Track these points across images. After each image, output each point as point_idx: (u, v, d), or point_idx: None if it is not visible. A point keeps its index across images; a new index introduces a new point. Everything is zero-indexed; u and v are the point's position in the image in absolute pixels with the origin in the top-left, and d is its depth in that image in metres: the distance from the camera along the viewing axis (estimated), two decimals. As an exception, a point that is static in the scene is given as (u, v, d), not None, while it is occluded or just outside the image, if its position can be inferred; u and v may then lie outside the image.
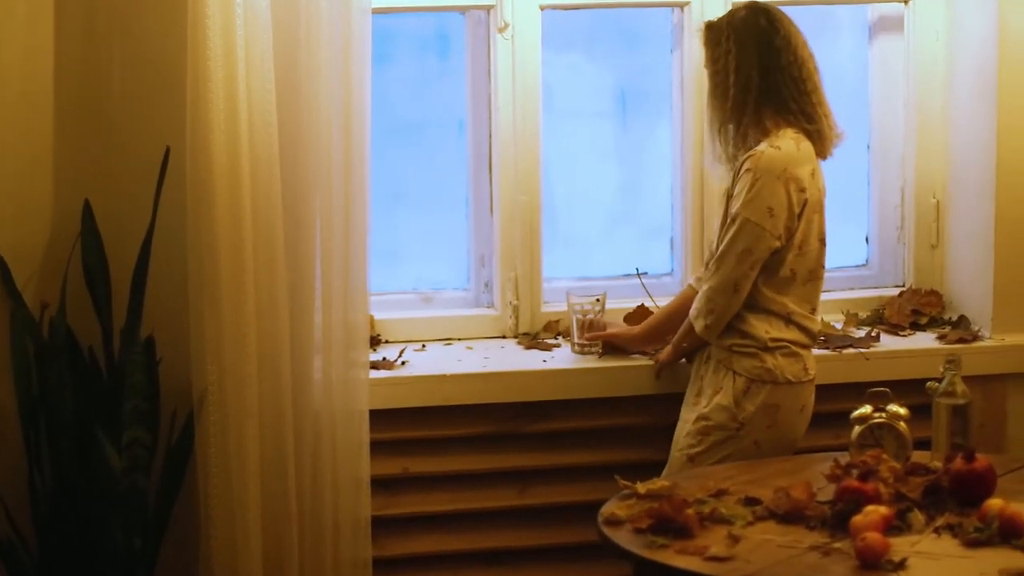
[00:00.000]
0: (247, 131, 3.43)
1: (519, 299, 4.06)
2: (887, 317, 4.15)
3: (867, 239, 4.31)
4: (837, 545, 2.87)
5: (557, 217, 4.20)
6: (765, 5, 3.63)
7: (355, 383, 3.60)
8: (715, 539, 2.91)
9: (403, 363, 3.85)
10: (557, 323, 4.07)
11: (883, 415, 3.30)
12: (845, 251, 4.25)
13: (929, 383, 3.37)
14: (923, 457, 3.29)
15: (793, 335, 3.56)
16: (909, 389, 3.55)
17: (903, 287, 4.25)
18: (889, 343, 4.00)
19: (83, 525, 3.47)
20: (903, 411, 3.30)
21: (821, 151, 3.62)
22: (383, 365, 3.81)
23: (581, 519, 3.31)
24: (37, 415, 3.48)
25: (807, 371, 3.58)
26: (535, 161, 4.03)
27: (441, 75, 4.16)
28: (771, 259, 3.53)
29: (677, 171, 4.16)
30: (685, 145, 4.12)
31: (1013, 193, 3.98)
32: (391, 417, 3.74)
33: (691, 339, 3.63)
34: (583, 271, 4.21)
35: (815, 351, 3.71)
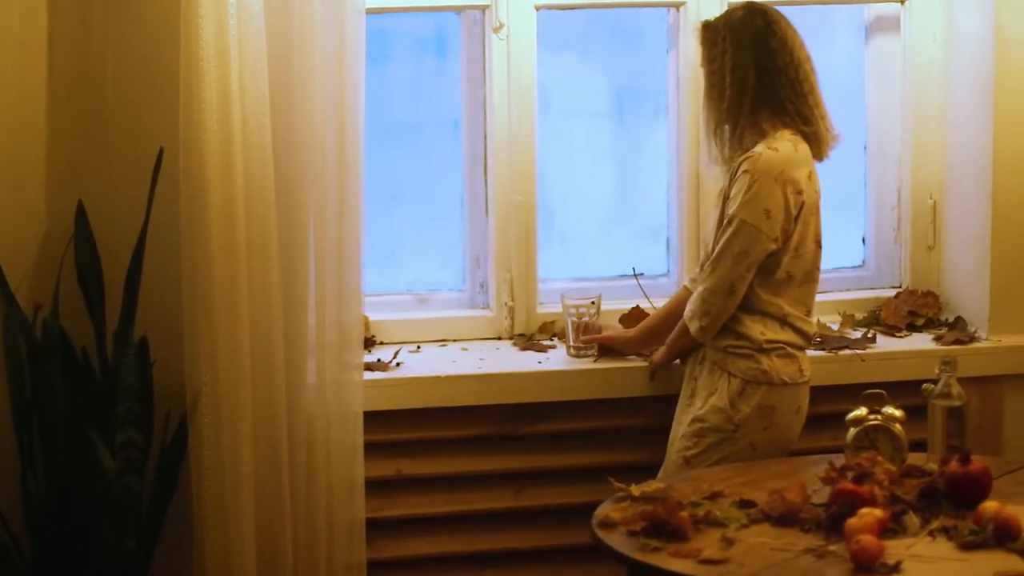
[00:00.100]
0: (240, 131, 3.42)
1: (514, 300, 4.05)
2: (883, 318, 4.14)
3: (864, 240, 4.30)
4: (832, 548, 2.86)
5: (553, 218, 4.19)
6: (762, 5, 3.62)
7: (349, 385, 3.59)
8: (709, 542, 2.90)
9: (398, 364, 3.84)
10: (552, 324, 4.06)
11: (878, 417, 3.29)
12: (842, 252, 4.24)
13: (925, 385, 3.37)
14: (919, 459, 3.28)
15: (788, 337, 3.55)
16: (905, 391, 3.54)
17: (900, 288, 4.24)
18: (885, 344, 3.99)
19: (76, 527, 3.45)
20: (899, 413, 3.30)
21: (818, 153, 3.61)
22: (377, 367, 3.80)
23: (577, 521, 3.30)
24: (30, 416, 3.47)
25: (802, 373, 3.57)
26: (530, 162, 4.02)
27: (440, 75, 4.14)
28: (767, 261, 3.52)
29: (673, 171, 4.15)
30: (681, 145, 4.11)
31: (1010, 194, 3.97)
32: (386, 419, 3.74)
33: (685, 340, 3.62)
34: (579, 272, 4.20)
35: (811, 352, 3.70)
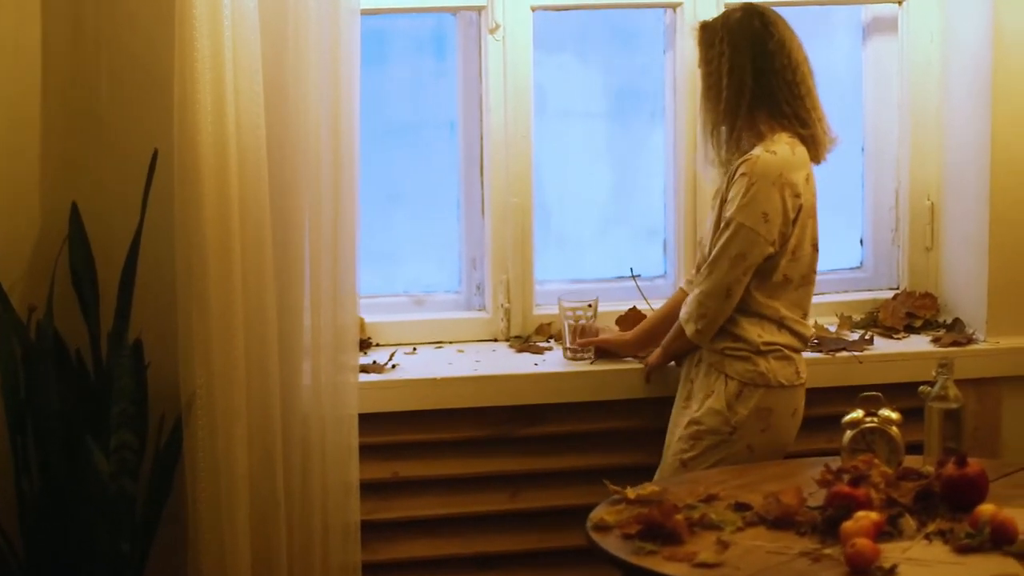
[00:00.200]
0: (235, 132, 3.41)
1: (511, 302, 4.04)
2: (881, 320, 4.13)
3: (861, 241, 4.29)
4: (827, 551, 2.85)
5: (550, 219, 4.18)
6: (760, 7, 3.60)
7: (344, 387, 3.59)
8: (704, 545, 2.89)
9: (393, 366, 3.83)
10: (549, 326, 4.05)
11: (875, 419, 3.28)
12: (839, 253, 4.23)
13: (921, 387, 3.35)
14: (915, 462, 3.27)
15: (785, 339, 3.54)
16: (903, 393, 3.54)
17: (897, 289, 4.22)
18: (883, 346, 3.98)
19: (70, 529, 3.45)
20: (895, 415, 3.29)
21: (815, 156, 3.59)
22: (373, 368, 3.79)
23: (573, 523, 3.29)
24: (24, 418, 3.46)
25: (799, 375, 3.56)
26: (527, 163, 4.01)
27: (439, 76, 4.13)
28: (764, 264, 3.51)
29: (670, 173, 4.14)
30: (678, 146, 4.09)
31: (1008, 195, 3.96)
32: (381, 421, 3.73)
33: (681, 343, 3.61)
34: (576, 273, 4.19)
35: (808, 354, 3.69)
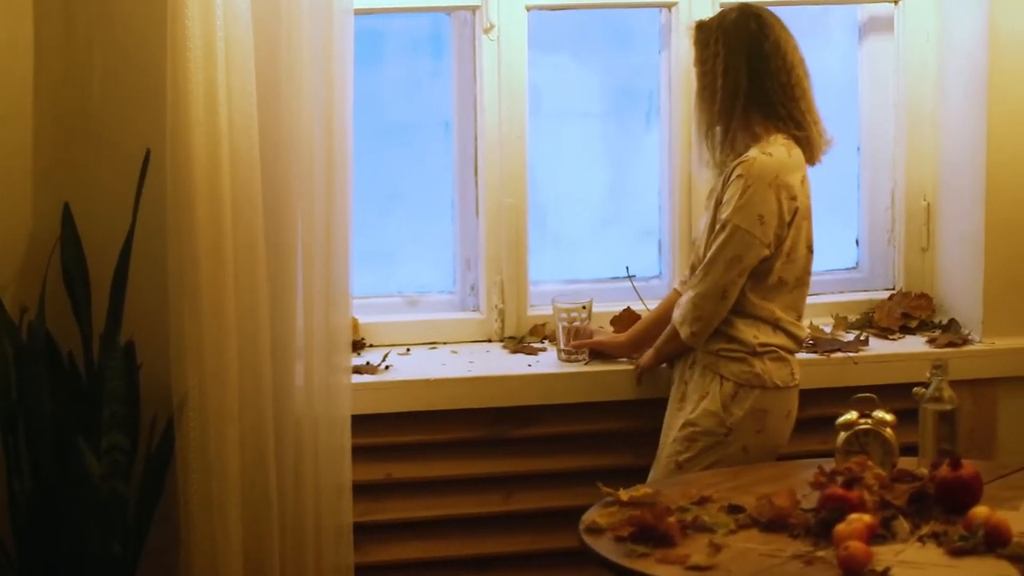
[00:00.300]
0: (227, 132, 3.40)
1: (505, 303, 4.03)
2: (876, 320, 4.11)
3: (857, 241, 4.28)
4: (820, 554, 2.84)
5: (545, 219, 4.17)
6: (756, 8, 3.58)
7: (337, 388, 3.57)
8: (697, 547, 2.88)
9: (387, 367, 3.82)
10: (543, 327, 4.04)
11: (869, 421, 3.27)
12: (835, 254, 4.22)
13: (916, 389, 3.34)
14: (910, 463, 3.26)
15: (781, 340, 3.53)
16: (898, 393, 3.53)
17: (893, 290, 4.21)
18: (878, 347, 3.97)
19: (62, 531, 3.43)
20: (889, 417, 3.27)
21: (810, 157, 3.58)
22: (367, 369, 3.78)
23: (567, 525, 3.27)
24: (15, 420, 3.45)
25: (793, 376, 3.55)
26: (521, 163, 4.00)
27: (436, 76, 4.12)
28: (760, 266, 3.49)
29: (665, 173, 4.12)
30: (673, 147, 4.08)
31: (1004, 195, 3.95)
32: (374, 422, 3.72)
33: (674, 345, 3.59)
34: (571, 274, 4.18)
35: (803, 355, 3.69)
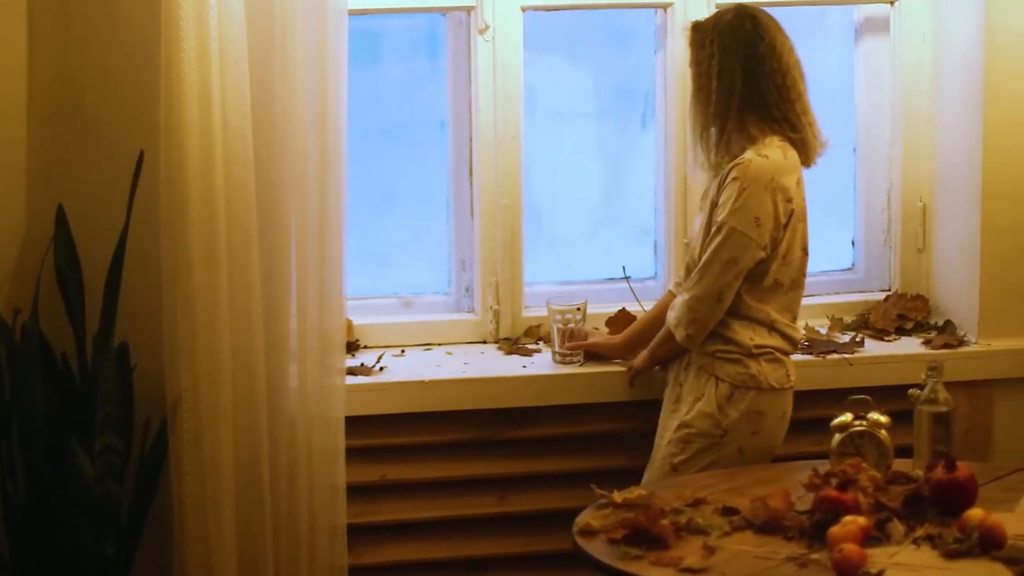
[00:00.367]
0: (221, 132, 3.39)
1: (500, 304, 4.02)
2: (872, 322, 4.10)
3: (853, 242, 4.27)
4: (814, 556, 2.83)
5: (540, 220, 4.16)
6: (752, 9, 3.57)
7: (331, 389, 3.57)
8: (690, 550, 2.87)
9: (381, 369, 3.81)
10: (538, 328, 4.03)
11: (864, 423, 3.25)
12: (831, 255, 4.21)
13: (911, 390, 3.33)
14: (905, 465, 3.25)
15: (776, 342, 3.52)
16: (894, 395, 3.51)
17: (889, 291, 4.20)
18: (874, 348, 3.96)
19: (56, 532, 3.43)
20: (884, 419, 3.26)
21: (806, 160, 3.57)
22: (361, 371, 3.77)
23: (562, 526, 3.27)
24: (9, 421, 3.44)
25: (789, 377, 3.54)
26: (516, 164, 3.99)
27: (434, 76, 4.10)
28: (755, 269, 3.49)
29: (661, 174, 4.11)
30: (669, 147, 4.07)
31: (1000, 196, 3.93)
32: (369, 423, 3.71)
33: (669, 347, 3.58)
34: (566, 275, 4.17)
35: (798, 356, 3.68)
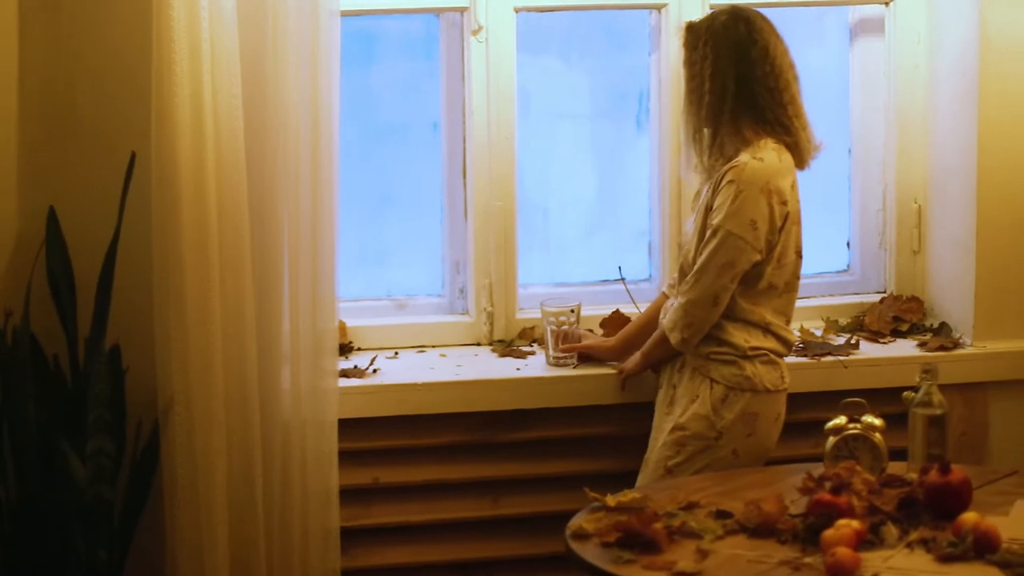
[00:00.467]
0: (213, 133, 3.39)
1: (494, 306, 4.01)
2: (867, 324, 4.09)
3: (848, 244, 4.26)
4: (808, 560, 2.82)
5: (534, 222, 4.15)
6: (748, 11, 3.55)
7: (324, 392, 3.56)
8: (683, 554, 2.86)
9: (374, 371, 3.80)
10: (532, 330, 4.01)
11: (858, 426, 3.24)
12: (826, 257, 4.20)
13: (905, 393, 3.31)
14: (900, 468, 3.24)
15: (771, 344, 3.52)
16: (889, 397, 3.51)
17: (884, 293, 4.19)
18: (869, 350, 3.94)
19: (48, 536, 3.42)
20: (878, 422, 3.25)
21: (799, 162, 3.56)
22: (354, 373, 3.76)
23: (556, 529, 3.25)
24: (0, 424, 3.43)
25: (783, 379, 3.54)
26: (510, 165, 3.98)
27: (431, 77, 4.09)
28: (750, 271, 3.48)
29: (655, 175, 4.10)
30: (664, 149, 4.06)
31: (995, 197, 3.92)
32: (362, 426, 3.70)
33: (663, 350, 3.57)
34: (560, 277, 4.16)
35: (793, 358, 3.68)
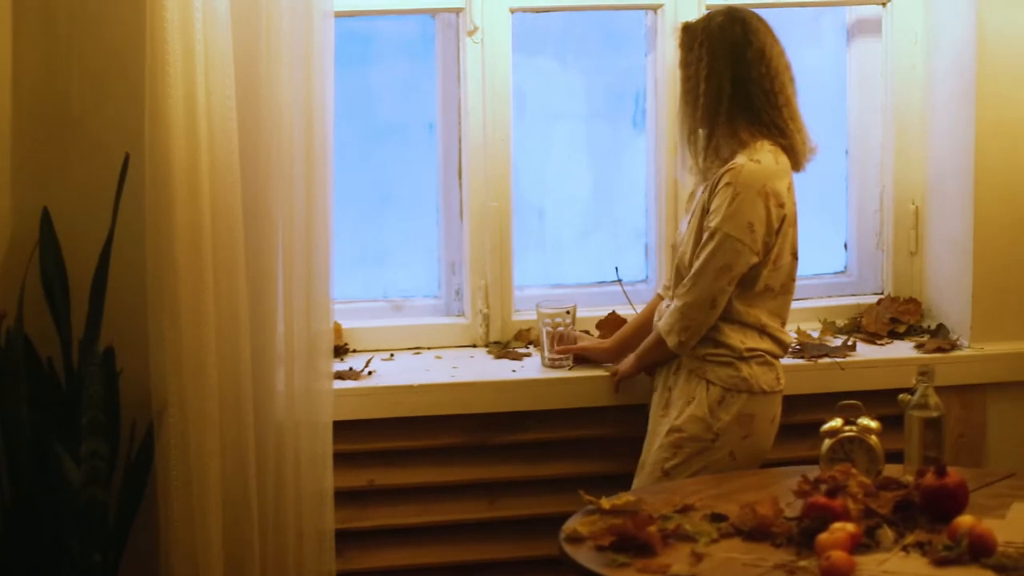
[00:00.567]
0: (207, 134, 3.38)
1: (489, 307, 4.00)
2: (865, 325, 4.08)
3: (845, 246, 4.24)
4: (803, 563, 2.81)
5: (530, 223, 4.14)
6: (744, 12, 3.54)
7: (318, 394, 3.55)
8: (678, 557, 2.85)
9: (370, 373, 3.79)
10: (528, 332, 4.01)
11: (853, 428, 3.23)
12: (823, 258, 4.19)
13: (901, 395, 3.30)
14: (896, 471, 3.23)
15: (767, 345, 3.51)
16: (886, 399, 3.50)
17: (882, 295, 4.18)
18: (866, 352, 3.93)
19: (42, 538, 3.41)
20: (874, 424, 3.24)
21: (794, 164, 3.55)
22: (349, 375, 3.75)
23: (552, 531, 3.24)
24: (-7, 426, 3.43)
25: (779, 381, 3.53)
26: (506, 167, 3.97)
27: (424, 78, 4.08)
28: (747, 274, 3.47)
29: (652, 176, 4.09)
30: (660, 150, 4.05)
31: (992, 198, 3.91)
32: (357, 428, 3.69)
33: (659, 353, 3.56)
34: (556, 278, 4.15)
35: (789, 360, 3.67)
